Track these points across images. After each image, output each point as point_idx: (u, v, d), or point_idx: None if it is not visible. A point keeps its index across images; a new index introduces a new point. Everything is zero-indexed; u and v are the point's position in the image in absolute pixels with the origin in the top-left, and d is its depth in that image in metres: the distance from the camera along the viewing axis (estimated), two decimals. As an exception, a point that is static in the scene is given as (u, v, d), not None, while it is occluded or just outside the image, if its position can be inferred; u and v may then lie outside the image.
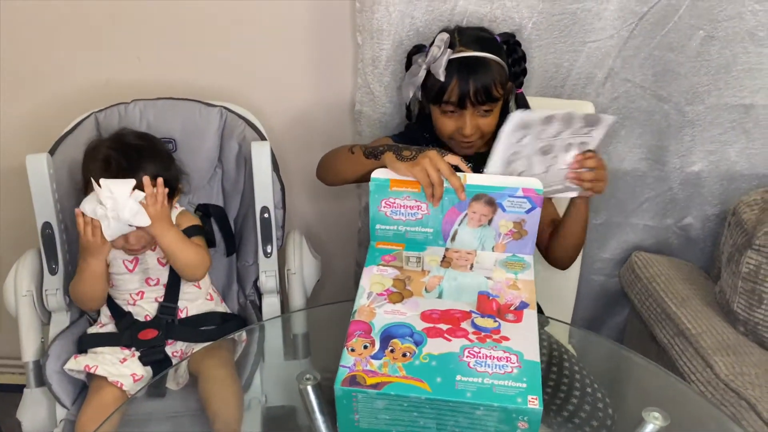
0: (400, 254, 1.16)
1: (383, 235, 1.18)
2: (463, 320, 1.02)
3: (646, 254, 1.75)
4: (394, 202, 1.16)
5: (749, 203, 1.55)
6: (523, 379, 0.92)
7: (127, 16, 1.65)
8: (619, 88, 1.61)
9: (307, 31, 1.66)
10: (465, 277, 1.12)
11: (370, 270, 1.13)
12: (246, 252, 1.55)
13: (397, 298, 1.08)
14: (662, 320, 1.54)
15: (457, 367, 0.94)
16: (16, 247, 1.51)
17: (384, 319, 1.03)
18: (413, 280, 1.11)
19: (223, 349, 1.33)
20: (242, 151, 1.55)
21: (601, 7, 1.51)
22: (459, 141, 1.38)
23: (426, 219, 1.16)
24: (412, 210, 1.16)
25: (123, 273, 1.42)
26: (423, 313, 1.04)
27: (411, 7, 1.51)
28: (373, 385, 0.93)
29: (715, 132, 1.65)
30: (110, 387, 1.32)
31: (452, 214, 1.15)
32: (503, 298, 1.07)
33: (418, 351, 0.97)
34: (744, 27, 1.52)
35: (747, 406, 1.24)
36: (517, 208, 1.13)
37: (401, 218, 1.17)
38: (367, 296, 1.08)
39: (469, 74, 1.31)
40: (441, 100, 1.34)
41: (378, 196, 1.16)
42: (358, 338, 1.00)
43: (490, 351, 0.97)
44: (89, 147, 1.40)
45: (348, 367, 0.95)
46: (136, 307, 1.43)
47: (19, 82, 1.73)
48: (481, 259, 1.15)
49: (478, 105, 1.32)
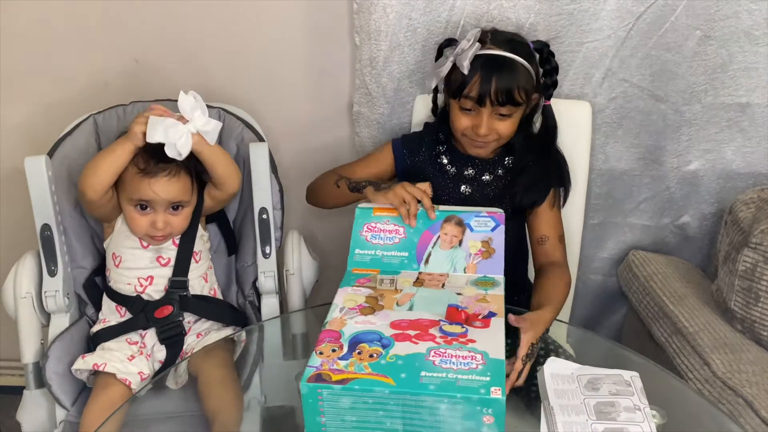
0: (374, 277, 1.20)
1: (360, 261, 1.24)
2: (431, 327, 1.05)
3: (643, 253, 1.75)
4: (375, 226, 1.26)
5: (746, 202, 1.55)
6: (487, 373, 0.95)
7: (125, 19, 1.65)
8: (617, 88, 1.61)
9: (305, 32, 1.67)
10: (436, 293, 1.16)
11: (345, 290, 1.18)
12: (245, 253, 1.55)
13: (369, 311, 1.11)
14: (660, 318, 1.55)
15: (423, 365, 0.97)
16: (15, 249, 1.51)
17: (354, 328, 1.06)
18: (386, 297, 1.15)
19: (222, 349, 1.34)
20: (240, 153, 1.55)
21: (598, 7, 1.52)
22: (471, 139, 1.37)
23: (402, 243, 1.24)
24: (390, 234, 1.25)
25: (136, 247, 1.41)
26: (393, 322, 1.07)
27: (408, 8, 1.51)
28: (339, 381, 0.96)
29: (712, 131, 1.65)
30: (117, 384, 1.32)
31: (426, 237, 1.24)
32: (472, 309, 1.10)
33: (384, 352, 1.00)
34: (740, 26, 1.53)
35: (744, 404, 1.25)
36: (483, 227, 1.24)
37: (380, 242, 1.25)
38: (339, 311, 1.12)
39: (493, 72, 1.30)
40: (461, 94, 1.33)
41: (362, 221, 1.27)
42: (327, 344, 1.04)
43: (456, 351, 0.99)
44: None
45: (315, 367, 0.99)
46: (144, 295, 1.42)
47: (17, 84, 1.73)
48: (453, 280, 1.19)
49: (497, 105, 1.31)
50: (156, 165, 1.32)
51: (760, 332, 1.42)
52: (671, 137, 1.66)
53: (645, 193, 1.74)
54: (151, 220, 1.36)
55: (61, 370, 1.38)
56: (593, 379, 1.09)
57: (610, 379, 1.09)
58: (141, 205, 1.35)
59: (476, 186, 1.45)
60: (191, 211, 1.42)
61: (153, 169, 1.32)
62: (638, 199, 1.75)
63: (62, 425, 1.38)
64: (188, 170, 1.36)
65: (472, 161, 1.45)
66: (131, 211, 1.37)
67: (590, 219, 1.74)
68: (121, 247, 1.42)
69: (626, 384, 1.08)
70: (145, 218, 1.36)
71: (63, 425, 1.37)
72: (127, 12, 1.64)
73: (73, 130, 1.52)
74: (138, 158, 1.32)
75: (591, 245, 1.79)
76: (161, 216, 1.36)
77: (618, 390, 1.07)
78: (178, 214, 1.38)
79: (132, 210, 1.36)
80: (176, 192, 1.35)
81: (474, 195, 1.45)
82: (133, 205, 1.36)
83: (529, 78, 1.34)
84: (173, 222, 1.38)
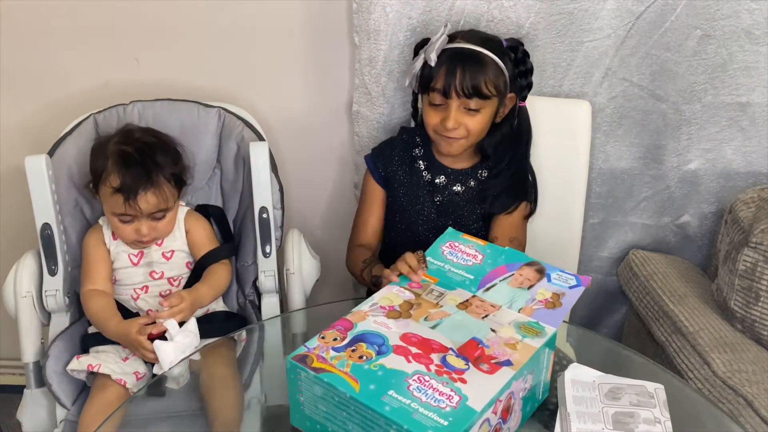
0: (427, 285, 1.17)
1: (427, 267, 1.21)
2: (436, 352, 1.00)
3: (643, 252, 1.75)
4: (458, 245, 1.24)
5: (746, 201, 1.55)
6: (449, 418, 0.89)
7: (125, 18, 1.65)
8: (617, 88, 1.61)
9: (304, 31, 1.67)
10: (471, 322, 1.08)
11: (391, 288, 1.16)
12: (245, 252, 1.55)
13: (394, 316, 1.09)
14: (660, 318, 1.55)
15: (397, 385, 0.94)
16: (16, 249, 1.51)
17: (368, 326, 1.05)
18: (421, 307, 1.11)
19: (224, 348, 1.34)
20: (241, 152, 1.56)
21: (598, 6, 1.52)
22: (442, 135, 1.38)
23: (475, 267, 1.20)
24: (468, 256, 1.22)
25: (127, 266, 1.43)
26: (405, 333, 1.04)
27: (408, 8, 1.51)
28: (315, 369, 0.96)
29: (712, 130, 1.65)
30: (114, 385, 1.32)
31: (500, 271, 1.19)
32: (492, 350, 1.02)
33: (374, 358, 0.98)
34: (740, 25, 1.53)
35: (744, 403, 1.25)
36: (563, 282, 1.16)
37: (453, 259, 1.22)
38: (370, 305, 1.11)
39: (458, 64, 1.31)
40: (429, 87, 1.34)
41: (448, 238, 1.26)
42: (335, 330, 1.04)
43: (438, 384, 0.94)
44: (97, 145, 1.42)
45: (308, 348, 1.00)
46: (140, 301, 1.43)
47: (18, 84, 1.73)
48: (500, 315, 1.10)
49: (464, 97, 1.32)
50: (131, 183, 1.33)
51: (760, 331, 1.42)
52: (671, 136, 1.66)
53: (645, 193, 1.74)
54: (135, 228, 1.38)
55: (61, 370, 1.39)
56: (615, 389, 1.06)
57: (633, 389, 1.06)
58: (123, 217, 1.37)
59: (447, 195, 1.47)
60: (175, 214, 1.44)
61: (129, 188, 1.33)
62: (638, 199, 1.75)
63: (62, 424, 1.38)
64: (166, 178, 1.38)
65: (445, 170, 1.47)
66: (115, 221, 1.39)
67: (590, 218, 1.75)
68: (115, 267, 1.44)
69: (649, 396, 1.05)
70: (130, 227, 1.38)
71: (63, 424, 1.38)
72: (127, 12, 1.64)
73: (74, 130, 1.52)
74: (111, 177, 1.34)
75: (591, 244, 1.79)
76: (145, 224, 1.38)
77: (639, 401, 1.04)
78: (163, 220, 1.40)
79: (116, 220, 1.38)
80: (157, 202, 1.37)
81: (445, 203, 1.47)
82: (116, 216, 1.37)
83: (499, 73, 1.35)
84: (158, 227, 1.40)
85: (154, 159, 1.37)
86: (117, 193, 1.33)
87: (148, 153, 1.37)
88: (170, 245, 1.46)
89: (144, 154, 1.36)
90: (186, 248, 1.48)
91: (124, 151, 1.36)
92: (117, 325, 1.35)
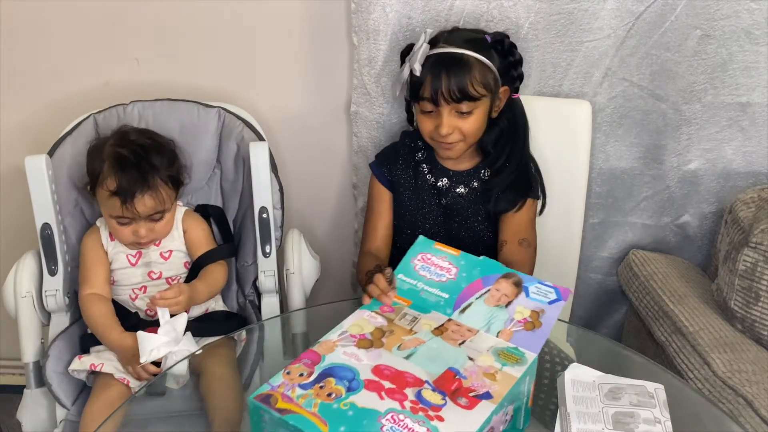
0: (400, 309, 1.12)
1: (398, 287, 1.16)
2: (411, 386, 0.95)
3: (643, 252, 1.75)
4: (430, 258, 1.18)
5: (746, 201, 1.55)
6: None
7: (125, 18, 1.65)
8: (617, 88, 1.61)
9: (303, 32, 1.67)
10: (447, 349, 1.03)
11: (361, 313, 1.11)
12: (245, 252, 1.55)
13: (366, 345, 1.03)
14: (660, 318, 1.55)
15: (369, 426, 0.88)
16: (16, 249, 1.51)
17: (337, 358, 1.00)
18: (394, 334, 1.06)
19: (224, 348, 1.34)
20: (240, 152, 1.56)
21: (598, 6, 1.52)
22: (438, 142, 1.38)
23: (449, 283, 1.15)
24: (441, 270, 1.16)
25: (126, 267, 1.43)
26: (377, 365, 0.98)
27: (407, 8, 1.51)
28: (280, 410, 0.91)
29: (712, 130, 1.65)
30: (116, 384, 1.33)
31: (475, 286, 1.14)
32: (470, 381, 0.97)
33: (344, 396, 0.93)
34: (740, 25, 1.53)
35: (744, 403, 1.25)
36: (542, 297, 1.10)
37: (425, 275, 1.16)
38: (339, 334, 1.06)
39: (443, 70, 1.30)
40: (418, 96, 1.34)
41: (419, 249, 1.20)
42: (301, 365, 0.98)
43: (414, 424, 0.89)
44: (93, 147, 1.42)
45: (272, 386, 0.95)
46: (139, 301, 1.43)
47: (18, 84, 1.73)
48: (478, 340, 1.06)
49: (453, 102, 1.31)
50: (128, 186, 1.33)
51: (760, 331, 1.42)
52: (671, 136, 1.66)
53: (645, 193, 1.74)
54: (133, 231, 1.38)
55: (61, 369, 1.39)
56: (615, 389, 1.06)
57: (633, 389, 1.06)
58: (121, 219, 1.37)
59: (450, 197, 1.46)
60: (173, 214, 1.44)
61: (126, 191, 1.33)
62: (638, 199, 1.75)
63: (62, 424, 1.38)
64: (162, 179, 1.37)
65: (447, 173, 1.46)
66: (113, 223, 1.39)
67: (590, 218, 1.75)
68: (113, 268, 1.44)
69: (649, 396, 1.05)
70: (128, 229, 1.38)
71: (63, 424, 1.38)
72: (127, 12, 1.64)
73: (74, 130, 1.52)
74: (108, 180, 1.34)
75: (591, 244, 1.79)
76: (143, 226, 1.38)
77: (640, 401, 1.03)
78: (160, 221, 1.40)
79: (113, 222, 1.38)
80: (154, 204, 1.36)
81: (450, 206, 1.46)
82: (114, 219, 1.37)
83: (486, 71, 1.33)
84: (156, 228, 1.40)
85: (150, 161, 1.36)
86: (114, 196, 1.33)
87: (144, 155, 1.36)
88: (168, 245, 1.46)
89: (140, 157, 1.36)
90: (184, 248, 1.48)
91: (120, 153, 1.36)
92: (118, 336, 1.35)
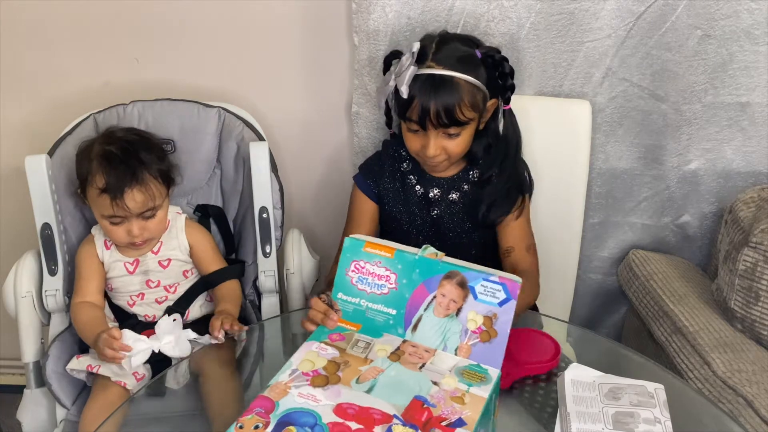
0: (351, 335, 1.06)
1: (343, 309, 1.10)
2: (379, 423, 0.88)
3: (643, 252, 1.75)
4: (364, 266, 1.09)
5: (746, 201, 1.55)
6: None
7: (125, 18, 1.65)
8: (617, 88, 1.61)
9: (304, 32, 1.67)
10: (409, 376, 0.98)
11: (309, 345, 1.04)
12: (245, 252, 1.55)
13: (321, 382, 0.96)
14: (660, 318, 1.55)
15: None
16: (16, 248, 1.51)
17: (292, 402, 0.92)
18: (349, 366, 0.99)
19: (224, 348, 1.34)
20: (241, 152, 1.56)
21: (599, 6, 1.52)
22: (424, 159, 1.36)
23: (392, 295, 1.07)
24: (380, 280, 1.07)
25: (123, 275, 1.43)
26: (339, 405, 0.91)
27: (407, 8, 1.51)
28: None
29: (712, 130, 1.65)
30: (114, 386, 1.32)
31: (420, 294, 1.06)
32: (440, 409, 0.92)
33: None
34: (740, 25, 1.53)
35: (744, 403, 1.25)
36: (490, 297, 1.03)
37: (366, 289, 1.08)
38: (290, 373, 0.97)
39: (431, 93, 1.26)
40: (405, 115, 1.31)
41: (350, 255, 1.10)
42: (254, 415, 0.90)
43: None
44: (81, 149, 1.41)
45: None
46: (137, 307, 1.43)
47: (18, 84, 1.73)
48: (438, 361, 1.01)
49: (440, 127, 1.28)
50: (116, 181, 1.32)
51: (760, 331, 1.42)
52: (671, 136, 1.66)
53: (645, 193, 1.74)
54: (126, 230, 1.36)
55: (61, 369, 1.39)
56: (615, 389, 1.06)
57: (633, 389, 1.06)
58: (113, 218, 1.36)
59: (444, 207, 1.44)
60: (165, 213, 1.43)
61: (115, 187, 1.32)
62: (638, 199, 1.75)
63: (62, 424, 1.38)
64: (152, 174, 1.36)
65: (437, 181, 1.44)
66: (105, 223, 1.38)
67: (590, 218, 1.74)
68: (111, 276, 1.44)
69: (649, 395, 1.04)
70: (121, 228, 1.37)
71: (63, 424, 1.38)
72: (127, 12, 1.64)
73: (74, 130, 1.52)
74: (96, 177, 1.33)
75: (591, 244, 1.79)
76: (135, 224, 1.36)
77: (640, 401, 1.03)
78: (153, 219, 1.39)
79: (106, 223, 1.37)
80: (144, 200, 1.35)
81: (443, 215, 1.44)
82: (106, 219, 1.36)
83: (475, 92, 1.29)
84: (149, 226, 1.38)
85: (138, 156, 1.35)
86: (103, 193, 1.32)
87: (132, 151, 1.36)
88: (167, 254, 1.45)
89: (127, 152, 1.35)
90: (184, 257, 1.46)
91: (107, 150, 1.35)
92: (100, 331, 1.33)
